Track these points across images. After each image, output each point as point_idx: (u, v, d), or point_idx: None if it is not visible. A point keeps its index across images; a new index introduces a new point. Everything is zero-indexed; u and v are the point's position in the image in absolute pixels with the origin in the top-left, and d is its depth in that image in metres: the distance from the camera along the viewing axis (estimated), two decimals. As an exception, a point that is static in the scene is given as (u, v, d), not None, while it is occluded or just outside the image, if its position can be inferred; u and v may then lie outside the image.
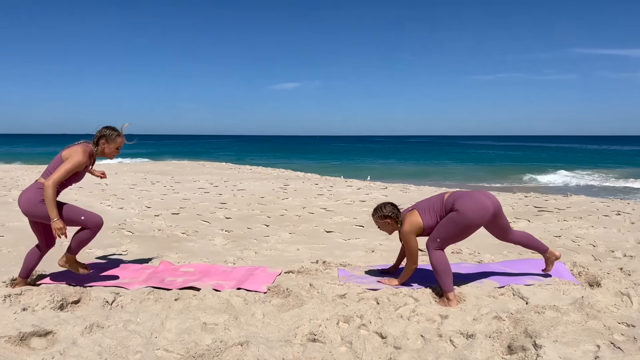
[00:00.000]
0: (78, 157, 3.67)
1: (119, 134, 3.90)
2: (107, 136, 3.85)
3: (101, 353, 2.81)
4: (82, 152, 3.69)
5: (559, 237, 5.78)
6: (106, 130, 3.87)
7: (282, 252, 5.26)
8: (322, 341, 3.02)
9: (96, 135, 3.87)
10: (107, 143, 3.86)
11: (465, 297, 3.68)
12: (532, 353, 2.73)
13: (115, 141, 3.88)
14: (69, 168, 3.63)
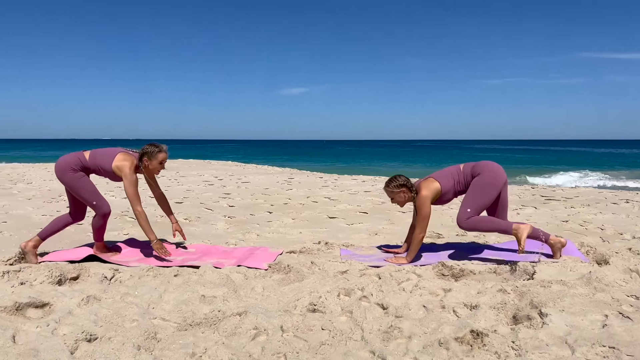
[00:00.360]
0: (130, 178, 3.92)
1: (160, 149, 4.04)
2: (149, 153, 4.01)
3: (97, 321, 2.76)
4: (130, 173, 3.93)
5: (566, 221, 5.68)
6: (148, 147, 4.04)
7: (284, 235, 5.20)
8: (322, 311, 2.95)
9: (139, 152, 4.05)
10: (150, 160, 4.01)
11: (470, 273, 3.61)
12: (537, 321, 2.65)
13: (157, 157, 4.02)
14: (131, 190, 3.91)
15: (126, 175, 3.90)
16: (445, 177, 4.03)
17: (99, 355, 2.36)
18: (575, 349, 2.33)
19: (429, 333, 2.59)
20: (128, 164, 3.93)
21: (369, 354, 2.37)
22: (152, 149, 4.00)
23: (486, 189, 3.91)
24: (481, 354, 2.37)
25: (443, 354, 2.35)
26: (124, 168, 3.92)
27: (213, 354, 2.33)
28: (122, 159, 3.96)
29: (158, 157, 4.01)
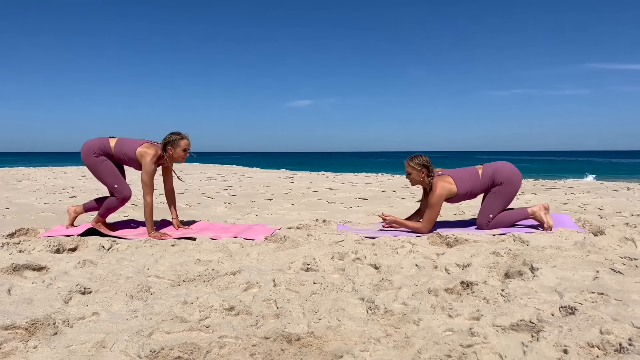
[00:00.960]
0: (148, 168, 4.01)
1: (182, 136, 4.12)
2: (172, 141, 4.09)
3: (91, 278, 2.79)
4: (150, 162, 4.01)
5: (565, 204, 5.67)
6: (170, 136, 4.12)
7: (282, 215, 5.22)
8: (315, 270, 2.97)
9: (162, 142, 4.13)
10: (173, 148, 4.10)
11: (464, 241, 3.61)
12: (529, 275, 2.66)
13: (179, 144, 4.10)
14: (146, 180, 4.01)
15: (146, 163, 3.99)
16: (464, 181, 4.03)
17: (92, 303, 2.39)
18: (563, 294, 2.34)
19: (420, 285, 2.60)
20: (152, 153, 4.02)
21: (358, 300, 2.39)
22: (175, 137, 4.09)
23: (508, 197, 4.03)
24: (469, 299, 2.38)
25: (432, 300, 2.37)
26: (145, 155, 4.00)
27: (205, 301, 2.35)
28: (146, 147, 4.06)
29: (181, 144, 4.09)
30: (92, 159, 4.09)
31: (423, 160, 4.06)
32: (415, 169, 4.05)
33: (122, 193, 4.13)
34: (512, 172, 4.05)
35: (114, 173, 4.13)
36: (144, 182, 4.00)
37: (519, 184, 4.04)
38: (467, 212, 5.17)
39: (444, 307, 2.28)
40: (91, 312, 2.28)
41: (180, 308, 2.32)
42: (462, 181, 4.02)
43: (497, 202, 4.02)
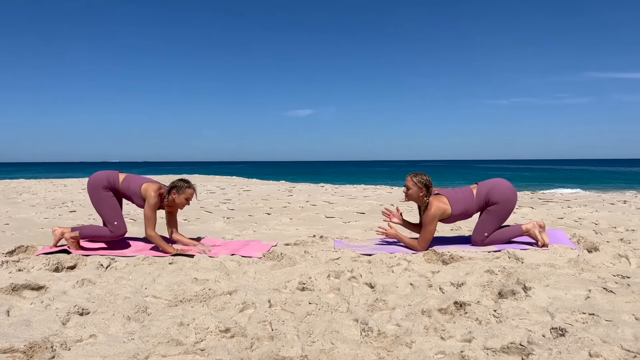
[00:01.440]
0: (152, 201, 4.02)
1: (189, 186, 4.17)
2: (178, 187, 4.14)
3: (90, 299, 2.82)
4: (154, 196, 4.03)
5: (562, 218, 5.71)
6: (178, 181, 4.18)
7: (280, 231, 5.25)
8: (310, 289, 3.00)
9: (169, 185, 4.18)
10: (178, 194, 4.13)
11: (459, 258, 3.64)
12: (521, 295, 2.69)
13: (185, 192, 4.14)
14: (149, 213, 4.03)
15: (149, 197, 4.02)
16: (459, 203, 4.06)
17: (89, 325, 2.42)
18: (555, 315, 2.37)
19: (414, 305, 2.63)
20: (155, 188, 4.06)
21: (353, 321, 2.42)
22: (182, 184, 4.14)
23: (503, 216, 4.06)
24: (462, 320, 2.41)
25: (425, 321, 2.40)
26: (149, 190, 4.04)
27: (201, 323, 2.39)
28: (151, 184, 4.11)
29: (186, 192, 4.13)
30: (100, 193, 4.14)
31: (425, 179, 4.10)
32: (417, 186, 4.08)
33: (119, 230, 4.15)
34: (507, 191, 4.06)
35: (116, 209, 4.18)
36: (146, 215, 4.04)
37: (514, 202, 4.07)
38: (463, 227, 5.21)
39: (436, 328, 2.31)
40: (89, 334, 2.31)
41: (176, 330, 2.35)
42: (456, 202, 4.05)
43: (492, 221, 4.05)
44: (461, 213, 4.07)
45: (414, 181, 4.09)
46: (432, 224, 3.95)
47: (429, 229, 3.95)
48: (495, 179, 4.18)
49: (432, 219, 3.96)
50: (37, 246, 4.23)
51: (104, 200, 4.14)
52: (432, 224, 3.95)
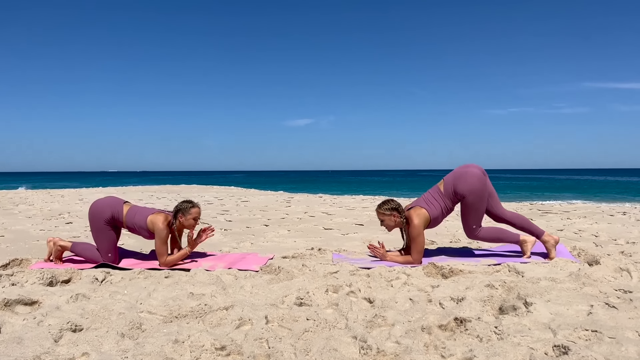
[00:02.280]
0: (162, 234, 3.95)
1: (194, 205, 4.12)
2: (183, 209, 4.07)
3: (83, 315, 2.77)
4: (163, 228, 3.96)
5: (562, 230, 5.67)
6: (181, 204, 4.11)
7: (278, 243, 5.20)
8: (308, 304, 2.95)
9: (174, 210, 4.11)
10: (184, 216, 4.06)
11: (459, 272, 3.60)
12: (522, 310, 2.65)
13: (190, 212, 4.07)
14: (160, 248, 3.95)
15: (158, 230, 3.95)
16: (431, 204, 4.06)
17: (82, 342, 2.37)
18: (557, 332, 2.33)
19: (413, 321, 2.58)
20: (161, 219, 3.99)
21: (351, 339, 2.37)
22: (186, 205, 4.07)
23: (478, 205, 4.01)
24: (463, 337, 2.36)
25: (425, 338, 2.35)
26: (157, 222, 3.97)
27: (196, 340, 2.34)
28: (157, 215, 4.03)
29: (192, 213, 4.06)
30: (100, 224, 4.05)
31: (392, 204, 4.11)
32: (386, 214, 4.09)
33: (109, 261, 4.09)
34: (471, 181, 3.97)
35: (113, 242, 4.11)
36: (157, 248, 3.96)
37: (482, 190, 3.99)
38: (462, 239, 5.16)
39: (437, 346, 2.26)
40: (81, 353, 2.26)
41: (171, 348, 2.30)
42: (430, 205, 4.07)
43: (472, 214, 4.02)
44: (440, 213, 4.07)
45: (382, 211, 4.11)
46: (420, 235, 3.92)
47: (419, 241, 3.92)
48: (459, 169, 4.11)
49: (418, 229, 3.93)
50: (32, 259, 4.19)
51: (103, 234, 4.07)
52: (420, 235, 3.92)
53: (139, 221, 4.05)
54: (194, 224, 4.11)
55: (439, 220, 4.11)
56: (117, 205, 4.11)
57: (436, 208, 4.04)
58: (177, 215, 4.05)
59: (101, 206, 4.08)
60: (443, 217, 4.14)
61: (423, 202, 4.10)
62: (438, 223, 4.15)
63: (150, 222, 4.01)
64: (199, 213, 4.12)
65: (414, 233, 3.92)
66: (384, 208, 4.08)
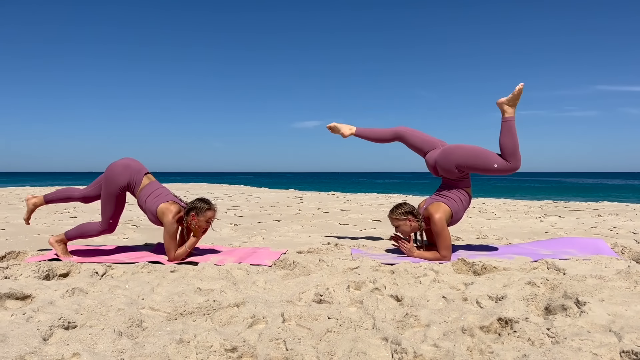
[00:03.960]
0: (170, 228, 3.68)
1: (210, 207, 3.79)
2: (198, 209, 3.76)
3: (78, 310, 2.48)
4: (172, 222, 3.69)
5: (595, 227, 5.31)
6: (197, 202, 3.80)
7: (292, 238, 4.89)
8: (329, 302, 2.64)
9: (188, 205, 3.81)
10: (197, 216, 3.75)
11: (493, 269, 3.27)
12: (574, 311, 2.32)
13: (205, 215, 3.76)
14: (168, 243, 3.68)
15: (167, 223, 3.67)
16: (447, 197, 3.81)
17: (74, 341, 2.07)
18: (622, 336, 1.99)
19: (450, 322, 2.26)
20: (173, 211, 3.71)
21: (381, 340, 2.06)
22: (202, 205, 3.75)
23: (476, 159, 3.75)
24: (511, 340, 2.03)
25: (467, 341, 2.03)
26: (167, 213, 3.69)
27: (203, 340, 2.03)
28: (169, 206, 3.73)
29: (206, 215, 3.74)
30: (114, 189, 3.79)
31: (406, 208, 3.79)
32: (400, 220, 3.77)
33: (109, 228, 3.86)
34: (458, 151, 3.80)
35: (120, 209, 3.88)
36: (166, 243, 3.67)
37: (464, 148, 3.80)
38: (490, 235, 4.82)
39: (482, 350, 1.94)
40: (71, 353, 1.96)
41: (174, 348, 2.00)
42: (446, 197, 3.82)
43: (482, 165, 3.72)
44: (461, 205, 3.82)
45: (395, 217, 3.80)
46: (444, 229, 3.60)
47: (444, 235, 3.59)
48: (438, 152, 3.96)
49: (442, 224, 3.61)
50: (30, 252, 3.91)
51: (114, 199, 3.81)
52: (444, 229, 3.60)
53: (150, 205, 3.76)
54: (206, 227, 3.79)
55: (460, 214, 3.80)
56: (137, 174, 3.84)
57: (455, 200, 3.73)
58: (189, 213, 3.74)
59: (120, 170, 3.80)
60: (464, 210, 3.83)
61: (439, 197, 3.79)
62: (459, 218, 3.83)
63: (160, 212, 3.72)
64: (213, 216, 3.79)
65: (438, 228, 3.59)
66: (397, 213, 3.77)
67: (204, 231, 3.79)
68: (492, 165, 3.64)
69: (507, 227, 4.94)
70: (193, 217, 3.72)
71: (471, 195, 3.90)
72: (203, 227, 3.78)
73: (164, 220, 3.68)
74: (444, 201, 3.75)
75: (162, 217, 3.69)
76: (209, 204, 3.77)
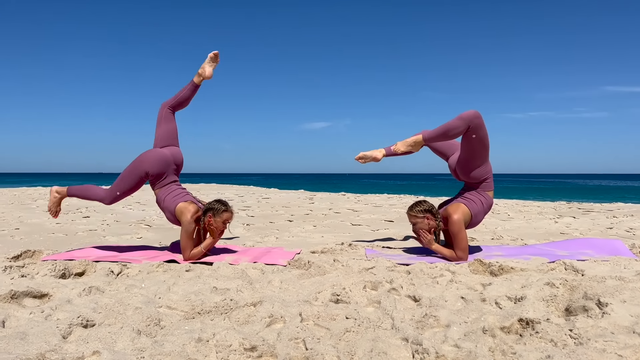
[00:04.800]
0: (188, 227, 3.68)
1: (227, 208, 3.78)
2: (215, 210, 3.75)
3: (96, 309, 2.48)
4: (190, 221, 3.70)
5: (611, 228, 5.25)
6: (215, 203, 3.79)
7: (305, 238, 4.89)
8: (346, 302, 2.63)
9: (206, 206, 3.81)
10: (214, 217, 3.74)
11: (510, 269, 3.24)
12: (596, 312, 2.28)
13: (222, 216, 3.75)
14: (185, 242, 3.67)
15: (185, 223, 3.68)
16: (468, 199, 3.77)
17: (93, 339, 2.07)
18: (647, 337, 1.96)
19: (470, 322, 2.24)
20: (192, 211, 3.71)
21: (401, 341, 2.04)
22: (219, 206, 3.75)
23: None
24: (534, 341, 2.01)
25: (489, 341, 2.01)
26: (186, 212, 3.69)
27: (222, 339, 2.03)
28: (188, 205, 3.75)
29: (223, 216, 3.73)
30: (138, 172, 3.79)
31: (424, 205, 3.74)
32: (419, 217, 3.71)
33: (112, 200, 3.86)
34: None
35: (132, 190, 3.88)
36: (182, 243, 3.66)
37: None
38: (504, 236, 4.78)
39: (504, 350, 1.92)
40: (91, 351, 1.96)
41: (193, 347, 2.00)
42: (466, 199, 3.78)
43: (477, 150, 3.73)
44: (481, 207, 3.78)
45: (414, 214, 3.74)
46: (462, 231, 3.57)
47: (461, 237, 3.56)
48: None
49: (459, 225, 3.57)
50: (45, 251, 3.93)
51: (135, 180, 3.83)
52: (462, 231, 3.57)
53: (168, 203, 3.78)
54: (223, 228, 3.78)
55: (479, 217, 3.77)
56: (168, 168, 3.87)
57: (475, 203, 3.70)
58: (206, 214, 3.74)
59: (155, 160, 3.81)
60: (484, 214, 3.80)
61: (460, 198, 3.77)
62: (479, 220, 3.80)
63: (179, 211, 3.73)
64: (230, 218, 3.78)
65: (455, 229, 3.56)
66: (416, 210, 3.72)
67: (220, 233, 3.79)
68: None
69: (522, 228, 4.90)
70: (210, 218, 3.72)
71: (492, 199, 3.86)
72: (220, 229, 3.77)
73: (182, 219, 3.67)
74: (464, 202, 3.72)
75: (180, 216, 3.69)
76: (226, 206, 3.76)
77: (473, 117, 3.54)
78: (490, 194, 3.83)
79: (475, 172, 3.75)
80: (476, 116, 3.54)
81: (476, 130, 3.56)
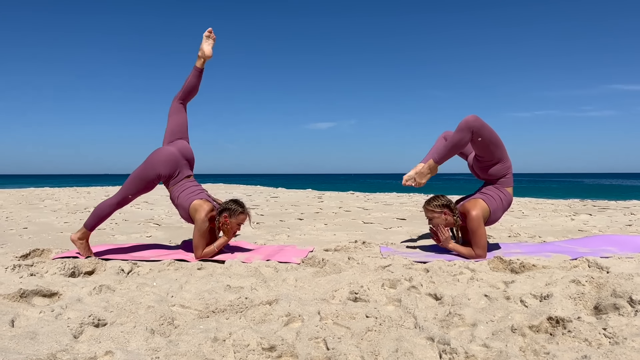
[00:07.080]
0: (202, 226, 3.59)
1: (243, 210, 3.70)
2: (231, 210, 3.66)
3: (107, 308, 2.41)
4: (205, 220, 3.60)
5: (630, 225, 5.13)
6: (231, 204, 3.70)
7: (317, 236, 4.80)
8: (365, 300, 2.53)
9: (221, 205, 3.72)
10: (230, 217, 3.66)
11: (532, 267, 3.13)
12: (628, 310, 2.18)
13: (238, 217, 3.67)
14: (198, 241, 3.60)
15: (198, 221, 3.59)
16: (487, 195, 3.66)
17: (105, 339, 1.99)
18: (687, 336, 1.86)
19: (497, 321, 2.15)
20: (206, 209, 3.62)
21: (426, 340, 1.95)
22: (236, 207, 3.66)
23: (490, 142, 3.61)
24: (567, 340, 1.91)
25: (519, 341, 1.91)
26: (200, 211, 3.60)
27: (239, 338, 1.94)
28: (203, 204, 3.65)
29: (238, 218, 3.65)
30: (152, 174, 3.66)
31: (442, 200, 3.64)
32: (436, 212, 3.61)
33: (124, 201, 3.72)
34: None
35: (143, 192, 3.75)
36: (195, 241, 3.59)
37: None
38: (521, 233, 4.67)
39: (536, 350, 1.82)
40: (104, 351, 1.88)
41: (210, 347, 1.92)
42: (485, 195, 3.67)
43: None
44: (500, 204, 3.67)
45: (431, 208, 3.64)
46: (480, 227, 3.46)
47: (480, 233, 3.46)
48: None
49: (478, 222, 3.47)
50: (54, 250, 3.86)
51: (145, 183, 3.69)
52: (480, 227, 3.46)
53: (182, 201, 3.68)
54: (237, 229, 3.70)
55: (498, 213, 3.66)
56: (180, 169, 3.77)
57: (494, 199, 3.60)
58: (222, 213, 3.65)
59: (165, 160, 3.70)
60: (503, 211, 3.70)
61: (478, 194, 3.67)
62: (497, 217, 3.70)
63: (193, 208, 3.64)
64: (244, 220, 3.70)
65: (474, 225, 3.46)
66: (434, 205, 3.63)
67: (234, 233, 3.71)
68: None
69: (538, 225, 4.80)
70: (226, 218, 3.64)
71: (512, 196, 3.76)
72: (234, 230, 3.69)
73: (195, 217, 3.59)
74: (483, 198, 3.62)
75: (194, 214, 3.61)
76: (243, 207, 3.68)
77: (472, 122, 3.46)
78: (510, 190, 3.73)
79: (493, 169, 3.66)
80: (474, 120, 3.46)
81: (479, 133, 3.47)
